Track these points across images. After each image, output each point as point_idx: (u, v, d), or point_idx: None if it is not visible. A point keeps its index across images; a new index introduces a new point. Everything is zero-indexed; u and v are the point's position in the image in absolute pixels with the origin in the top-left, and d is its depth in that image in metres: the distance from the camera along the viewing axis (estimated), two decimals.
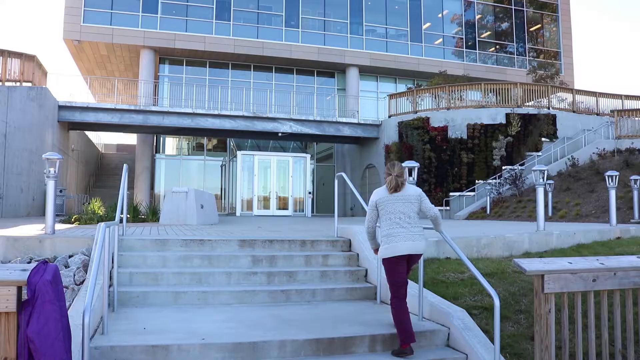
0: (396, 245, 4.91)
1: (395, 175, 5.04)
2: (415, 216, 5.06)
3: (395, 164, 5.13)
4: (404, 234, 4.93)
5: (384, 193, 5.11)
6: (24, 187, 18.49)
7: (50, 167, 7.49)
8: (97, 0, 27.17)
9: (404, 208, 5.02)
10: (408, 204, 5.04)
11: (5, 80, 17.98)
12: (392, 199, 5.05)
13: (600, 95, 25.58)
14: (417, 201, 5.09)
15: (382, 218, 5.09)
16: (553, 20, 36.00)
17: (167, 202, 13.37)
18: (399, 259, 4.95)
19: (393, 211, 5.02)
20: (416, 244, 4.95)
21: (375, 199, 5.16)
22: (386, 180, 5.13)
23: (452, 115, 23.54)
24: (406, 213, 5.01)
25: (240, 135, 27.17)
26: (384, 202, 5.08)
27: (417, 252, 4.99)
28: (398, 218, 4.99)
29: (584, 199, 17.09)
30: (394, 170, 5.07)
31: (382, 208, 5.08)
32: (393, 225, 4.97)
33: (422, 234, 5.05)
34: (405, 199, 5.05)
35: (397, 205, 5.03)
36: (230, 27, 28.98)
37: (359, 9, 31.38)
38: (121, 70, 31.87)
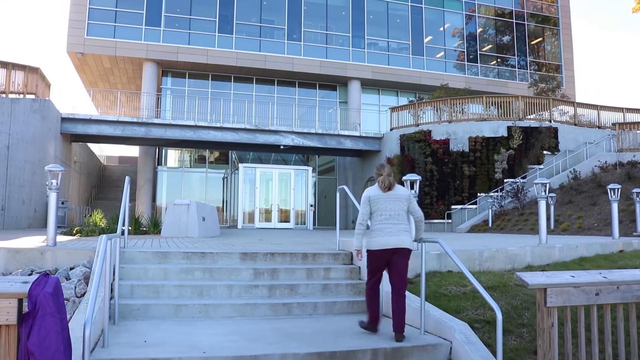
0: (382, 239, 5.30)
1: (387, 174, 5.46)
2: (403, 214, 5.44)
3: (384, 165, 5.57)
4: (392, 230, 5.31)
5: (377, 191, 5.46)
6: (26, 199, 18.51)
7: (53, 179, 7.50)
8: (101, 14, 27.37)
9: (394, 206, 5.40)
10: (398, 203, 5.43)
11: (9, 92, 18.06)
12: (385, 197, 5.42)
13: (601, 109, 25.62)
14: (407, 201, 5.49)
15: (374, 214, 5.45)
16: (554, 34, 36.16)
17: (168, 215, 13.35)
18: (384, 252, 5.31)
19: (385, 208, 5.39)
20: (401, 238, 5.31)
21: (368, 194, 5.48)
22: (378, 180, 5.50)
23: (453, 128, 23.57)
24: (396, 211, 5.39)
25: (242, 147, 27.21)
26: (377, 199, 5.43)
27: (403, 246, 5.31)
28: (388, 215, 5.36)
29: (586, 212, 17.05)
30: (384, 170, 5.49)
31: (375, 205, 5.43)
32: (383, 221, 5.35)
33: (408, 231, 5.42)
34: (396, 198, 5.43)
35: (388, 203, 5.40)
36: (233, 40, 29.14)
37: (361, 22, 31.55)
38: (124, 82, 32.02)
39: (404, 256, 5.36)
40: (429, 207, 22.81)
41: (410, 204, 5.50)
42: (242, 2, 29.68)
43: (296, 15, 30.50)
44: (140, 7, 28.03)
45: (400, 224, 5.37)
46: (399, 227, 5.35)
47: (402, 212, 5.42)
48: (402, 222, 5.40)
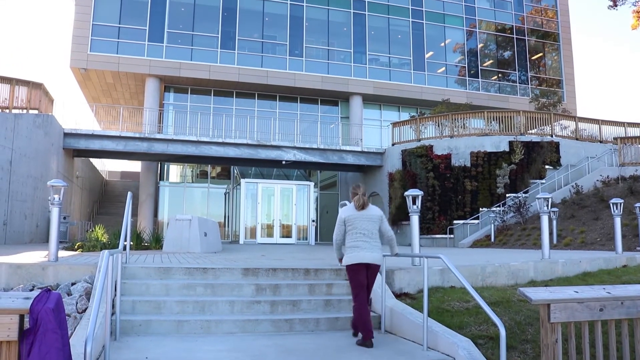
0: (358, 254, 5.78)
1: (362, 194, 5.98)
2: (376, 233, 5.98)
3: (359, 185, 6.07)
4: (366, 247, 5.81)
5: (352, 211, 5.97)
6: (28, 214, 18.52)
7: (55, 194, 7.51)
8: (104, 30, 27.58)
9: (367, 225, 5.92)
10: (371, 222, 5.95)
11: (12, 107, 18.15)
12: (359, 217, 5.93)
13: (603, 123, 25.65)
14: (379, 221, 6.04)
15: (349, 232, 5.94)
16: (554, 49, 36.32)
17: (170, 230, 13.35)
18: (360, 267, 5.79)
19: (359, 227, 5.89)
20: (374, 255, 5.83)
21: (344, 216, 5.99)
22: (353, 199, 6.01)
23: (455, 143, 23.60)
24: (369, 229, 5.91)
25: (244, 163, 27.24)
26: (352, 219, 5.94)
27: (375, 262, 5.82)
28: (362, 234, 5.87)
29: (589, 227, 17.01)
30: (359, 190, 6.00)
31: (350, 224, 5.94)
32: (358, 239, 5.85)
33: (380, 248, 5.92)
34: (369, 218, 5.96)
35: (362, 223, 5.92)
36: (235, 56, 29.31)
37: (362, 38, 31.74)
38: (126, 98, 32.16)
39: (374, 272, 5.90)
40: (431, 222, 22.77)
41: (382, 223, 6.06)
42: (244, 18, 29.90)
43: (298, 31, 30.69)
44: (143, 24, 28.24)
45: (374, 242, 5.89)
46: (372, 244, 5.86)
47: (375, 230, 5.97)
48: (375, 239, 5.93)
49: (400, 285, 7.36)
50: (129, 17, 28.21)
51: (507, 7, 35.56)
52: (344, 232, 6.01)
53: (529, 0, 36.23)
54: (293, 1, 30.90)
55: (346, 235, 5.97)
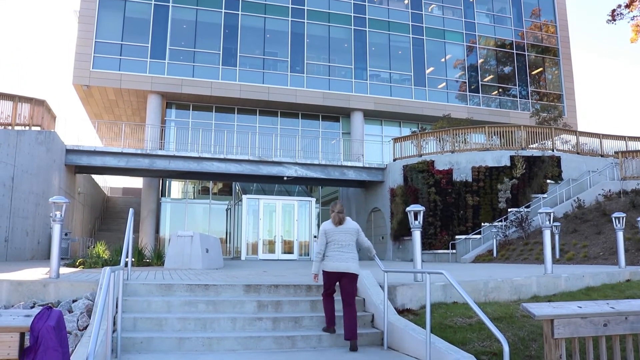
0: (333, 264, 6.45)
1: (337, 212, 6.60)
2: (352, 244, 6.60)
3: (336, 203, 6.70)
4: (341, 257, 6.47)
5: (331, 226, 6.62)
6: (29, 230, 18.51)
7: (57, 211, 7.51)
8: (107, 47, 27.77)
9: (344, 238, 6.56)
10: (348, 235, 6.59)
11: (15, 124, 18.22)
12: (337, 231, 6.57)
13: (604, 137, 25.69)
14: (356, 233, 6.68)
15: (328, 244, 6.57)
16: (554, 64, 36.49)
17: (172, 246, 13.33)
18: (334, 274, 6.47)
19: (337, 239, 6.54)
20: (349, 264, 6.45)
21: (324, 229, 6.64)
22: (331, 216, 6.65)
23: (456, 158, 23.62)
24: (346, 242, 6.54)
25: (245, 179, 27.26)
26: (331, 232, 6.58)
27: (349, 271, 6.44)
28: (340, 245, 6.51)
29: (592, 241, 16.95)
30: (336, 208, 6.64)
31: (329, 237, 6.57)
32: (335, 250, 6.51)
33: (355, 259, 6.53)
34: (346, 231, 6.59)
35: (340, 236, 6.55)
36: (237, 72, 29.46)
37: (363, 54, 31.91)
38: (128, 114, 32.29)
39: (351, 279, 6.48)
40: (432, 237, 22.72)
41: (359, 236, 6.72)
42: (246, 35, 30.10)
43: (299, 47, 30.88)
44: (146, 41, 28.44)
45: (349, 253, 6.51)
46: (348, 255, 6.49)
47: (352, 242, 6.60)
48: (351, 251, 6.55)
49: (402, 302, 7.32)
50: (131, 35, 28.42)
51: (507, 23, 35.79)
52: (325, 245, 6.60)
53: (528, 16, 36.47)
54: (294, 18, 31.13)
55: (326, 247, 6.60)
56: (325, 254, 6.59)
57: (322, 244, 6.63)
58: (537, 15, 36.78)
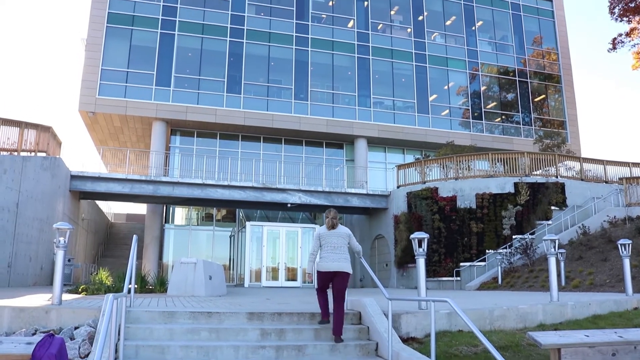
0: (326, 264, 7.19)
1: (331, 217, 7.34)
2: (344, 247, 7.30)
3: (330, 211, 7.40)
4: (334, 258, 7.18)
5: (325, 230, 7.37)
6: (33, 256, 18.48)
7: (61, 237, 7.51)
8: (113, 74, 28.06)
9: (337, 241, 7.28)
10: (340, 239, 7.31)
11: (21, 150, 18.35)
12: (330, 234, 7.31)
13: (607, 163, 25.65)
14: (347, 238, 7.40)
15: (322, 247, 7.31)
16: (557, 91, 36.67)
17: (175, 273, 13.28)
18: (327, 274, 7.20)
19: (330, 242, 7.27)
20: (341, 264, 7.17)
21: (319, 232, 7.41)
22: (325, 221, 7.42)
23: (460, 185, 23.60)
24: (338, 244, 7.26)
25: (249, 206, 27.26)
26: (324, 236, 7.33)
27: (341, 270, 7.14)
28: (332, 247, 7.24)
29: (598, 268, 16.82)
30: (330, 214, 7.37)
31: (323, 240, 7.32)
32: (328, 251, 7.23)
33: (347, 260, 7.24)
34: (339, 235, 7.32)
35: (332, 239, 7.28)
36: (241, 99, 29.68)
37: (367, 82, 32.15)
38: (133, 141, 32.47)
39: (343, 278, 7.16)
40: (437, 264, 22.58)
41: (350, 240, 7.43)
42: (250, 63, 30.40)
43: (303, 75, 31.14)
44: (151, 68, 28.73)
45: (341, 254, 7.22)
46: (340, 256, 7.19)
47: (344, 245, 7.30)
48: (343, 252, 7.25)
49: (407, 330, 7.25)
50: (137, 62, 28.73)
51: (509, 50, 36.08)
52: (319, 246, 7.36)
53: (530, 44, 36.78)
54: (298, 46, 31.45)
55: (320, 249, 7.33)
56: (320, 256, 7.31)
57: (315, 247, 7.39)
58: (539, 43, 37.10)
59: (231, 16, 30.65)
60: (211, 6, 30.51)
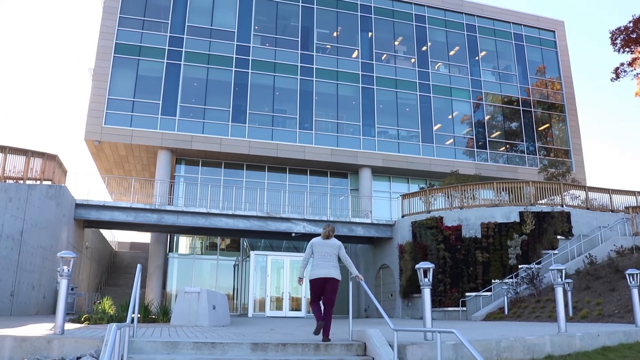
0: (316, 272, 7.85)
1: (329, 230, 8.06)
2: (334, 257, 8.00)
3: (329, 225, 8.15)
4: (324, 266, 7.86)
5: (319, 240, 8.06)
6: (36, 285, 18.41)
7: (64, 266, 7.48)
8: (119, 104, 28.31)
9: (328, 250, 7.97)
10: (331, 249, 8.00)
11: (26, 178, 18.44)
12: (323, 244, 8.00)
13: (613, 192, 25.55)
14: (337, 248, 8.05)
15: (314, 255, 7.99)
16: (561, 120, 36.79)
17: (179, 303, 13.19)
18: (318, 280, 7.86)
19: (322, 251, 7.95)
20: (331, 271, 7.84)
21: (313, 242, 8.07)
22: (323, 232, 8.08)
23: (465, 215, 23.51)
24: (329, 253, 7.95)
25: (253, 235, 27.19)
26: (317, 245, 8.02)
27: (331, 277, 7.82)
28: (323, 256, 7.91)
29: (605, 298, 16.62)
30: (328, 227, 8.08)
31: (315, 249, 8.00)
32: (319, 259, 7.90)
33: (336, 267, 7.92)
34: (331, 245, 8.02)
35: (325, 248, 7.97)
36: (246, 129, 29.83)
37: (371, 111, 32.32)
38: (138, 169, 32.60)
39: (333, 284, 7.84)
40: (442, 294, 22.38)
41: (340, 251, 8.05)
42: (255, 92, 30.66)
43: (308, 104, 31.35)
44: (157, 98, 28.99)
45: (331, 262, 7.90)
46: (330, 264, 7.87)
47: (334, 254, 7.97)
48: (332, 261, 7.92)
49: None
50: (143, 92, 29.00)
51: (512, 80, 36.34)
52: (311, 254, 8.05)
53: (534, 73, 37.05)
54: (303, 76, 31.74)
55: (312, 258, 8.01)
56: (312, 265, 7.98)
57: (308, 254, 8.12)
58: (542, 72, 37.37)
59: (237, 47, 31.03)
60: (217, 37, 30.91)
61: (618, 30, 31.17)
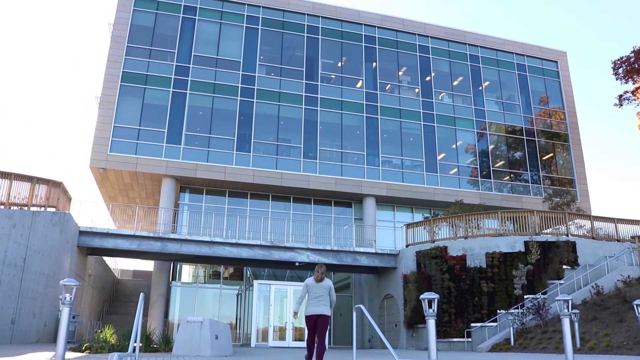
0: (312, 309, 8.94)
1: (321, 272, 9.05)
2: (325, 296, 9.04)
3: (322, 266, 9.15)
4: (317, 304, 8.95)
5: (312, 281, 9.09)
6: (37, 312, 18.27)
7: (67, 294, 7.42)
8: (125, 131, 28.47)
9: (320, 291, 9.02)
10: (323, 290, 9.04)
11: (31, 205, 18.47)
12: (315, 286, 9.05)
13: (619, 221, 25.38)
14: (328, 289, 9.09)
15: (309, 294, 9.07)
16: (565, 149, 36.81)
17: (181, 332, 13.05)
18: (312, 317, 8.94)
19: (314, 292, 9.02)
20: (322, 309, 8.90)
21: (307, 283, 9.13)
22: (315, 275, 9.07)
23: (470, 244, 23.38)
24: (320, 294, 9.00)
25: (257, 264, 27.05)
26: (311, 286, 9.08)
27: (322, 314, 8.88)
28: (315, 296, 8.99)
29: (613, 329, 16.39)
30: (321, 269, 9.09)
31: (309, 289, 9.09)
32: (312, 299, 8.99)
33: (326, 305, 8.96)
34: (322, 287, 9.05)
35: (317, 289, 9.02)
36: (250, 158, 29.91)
37: (375, 141, 32.42)
38: (142, 197, 32.63)
39: (324, 320, 8.89)
40: (447, 325, 22.11)
41: (330, 291, 9.09)
42: (260, 121, 30.82)
43: (312, 134, 31.47)
44: (162, 126, 29.15)
45: (322, 302, 8.99)
46: (321, 303, 8.96)
47: (325, 294, 9.03)
48: (324, 300, 9.02)
49: None
50: (148, 120, 29.18)
51: (516, 110, 36.49)
52: (306, 292, 9.16)
53: (537, 103, 37.22)
54: (307, 106, 31.94)
55: (307, 297, 9.12)
56: (306, 304, 9.10)
57: (303, 293, 9.27)
58: (546, 102, 37.54)
59: (242, 76, 31.31)
60: (223, 66, 31.23)
61: (620, 60, 31.37)
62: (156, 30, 31.00)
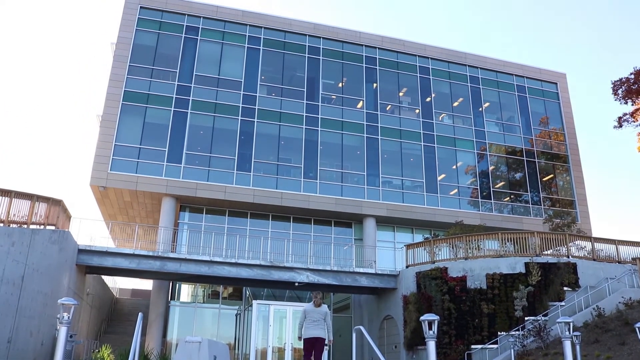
0: (309, 332, 10.20)
1: (319, 298, 10.43)
2: (321, 321, 10.34)
3: (319, 293, 10.65)
4: (314, 327, 10.22)
5: (311, 307, 10.43)
6: (34, 331, 18.12)
7: (65, 312, 7.38)
8: (125, 150, 28.53)
9: (317, 316, 10.30)
10: (320, 315, 10.34)
11: (30, 223, 18.41)
12: (314, 311, 10.35)
13: (619, 243, 25.27)
14: (325, 314, 10.39)
15: (306, 319, 10.31)
16: (565, 170, 36.85)
17: (179, 352, 12.92)
18: (310, 339, 10.22)
19: (312, 317, 10.28)
20: (319, 332, 10.14)
21: (306, 309, 10.43)
22: (313, 300, 10.50)
23: (470, 265, 23.28)
24: (317, 319, 10.26)
25: (256, 284, 26.91)
26: (310, 312, 10.36)
27: (318, 336, 10.20)
28: (313, 321, 10.25)
29: (616, 352, 16.25)
30: (318, 296, 10.52)
31: (307, 314, 10.34)
32: (310, 323, 10.24)
33: (322, 329, 10.22)
34: (319, 312, 10.36)
35: (314, 314, 10.30)
36: (251, 177, 29.93)
37: (376, 161, 32.46)
38: (142, 216, 32.58)
39: (320, 343, 10.06)
40: (447, 346, 21.93)
41: (326, 317, 10.42)
42: (261, 141, 30.90)
43: (312, 154, 31.52)
44: (163, 145, 29.22)
45: (319, 325, 10.26)
46: (318, 326, 10.23)
47: (321, 319, 10.33)
48: (320, 324, 10.27)
49: None
50: (149, 139, 29.25)
51: (516, 131, 36.60)
52: (305, 318, 10.37)
53: (537, 124, 37.35)
54: (308, 126, 32.05)
55: (305, 321, 10.35)
56: (304, 327, 10.31)
57: (302, 318, 10.46)
58: (545, 123, 37.68)
59: (243, 96, 31.48)
60: (224, 86, 31.40)
61: (620, 81, 31.57)
62: (158, 49, 31.25)
